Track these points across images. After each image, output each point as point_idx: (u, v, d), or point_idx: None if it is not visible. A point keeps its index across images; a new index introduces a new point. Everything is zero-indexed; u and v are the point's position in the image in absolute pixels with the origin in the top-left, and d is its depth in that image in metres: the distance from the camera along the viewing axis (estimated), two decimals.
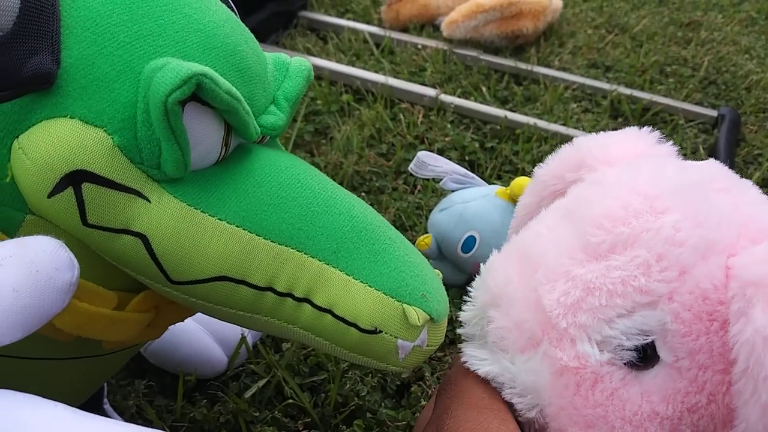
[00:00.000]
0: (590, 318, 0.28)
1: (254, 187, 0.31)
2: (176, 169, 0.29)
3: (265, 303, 0.32)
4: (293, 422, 0.54)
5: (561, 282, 0.29)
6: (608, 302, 0.27)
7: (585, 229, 0.29)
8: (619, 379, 0.28)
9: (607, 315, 0.28)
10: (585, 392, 0.28)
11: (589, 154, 0.35)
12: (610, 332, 0.28)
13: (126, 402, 0.55)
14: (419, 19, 1.27)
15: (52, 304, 0.24)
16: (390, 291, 0.31)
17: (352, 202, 0.34)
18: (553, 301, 0.29)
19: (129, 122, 0.28)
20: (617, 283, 0.27)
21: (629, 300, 0.27)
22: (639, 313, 0.27)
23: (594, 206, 0.29)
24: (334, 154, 0.87)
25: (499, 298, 0.31)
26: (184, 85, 0.26)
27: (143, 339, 0.37)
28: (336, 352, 0.33)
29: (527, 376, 0.30)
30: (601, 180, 0.31)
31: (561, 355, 0.28)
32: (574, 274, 0.28)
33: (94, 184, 0.28)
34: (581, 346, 0.28)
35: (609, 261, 0.28)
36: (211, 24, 0.31)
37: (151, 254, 0.30)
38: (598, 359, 0.28)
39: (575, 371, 0.28)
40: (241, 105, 0.30)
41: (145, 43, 0.28)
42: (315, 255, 0.31)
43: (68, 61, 0.28)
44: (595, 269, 0.28)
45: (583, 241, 0.29)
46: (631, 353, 0.28)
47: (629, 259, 0.27)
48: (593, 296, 0.28)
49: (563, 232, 0.30)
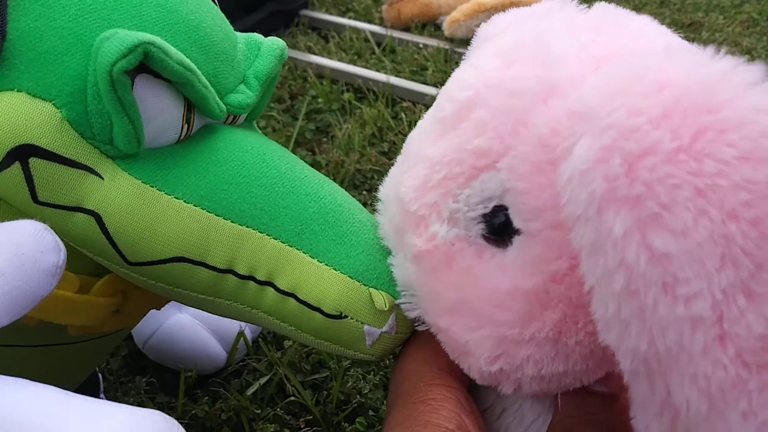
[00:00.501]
0: (436, 194, 0.26)
1: (215, 166, 0.30)
2: (128, 144, 0.28)
3: (226, 286, 0.31)
4: (295, 419, 0.54)
5: (417, 167, 0.28)
6: (448, 173, 0.26)
7: (438, 104, 0.28)
8: (474, 256, 0.26)
9: (449, 188, 0.26)
10: (442, 275, 0.26)
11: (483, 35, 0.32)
12: (455, 206, 0.26)
13: (127, 399, 0.55)
14: (421, 19, 1.27)
15: (39, 287, 0.23)
16: (356, 274, 0.30)
17: (321, 183, 0.33)
18: (408, 188, 0.27)
19: (79, 96, 0.27)
20: (454, 151, 0.26)
21: (467, 166, 0.25)
22: (479, 179, 0.25)
23: (451, 80, 0.28)
24: (336, 153, 0.87)
25: (383, 201, 0.31)
26: (130, 54, 0.26)
27: (115, 326, 0.36)
28: (302, 338, 0.32)
29: (399, 271, 0.29)
30: (470, 58, 0.29)
31: (416, 240, 0.27)
32: (425, 155, 0.27)
33: (42, 159, 0.27)
34: (432, 227, 0.27)
35: (456, 130, 0.26)
36: (172, 0, 0.30)
37: (106, 233, 0.29)
38: (445, 237, 0.26)
39: (429, 254, 0.27)
40: (195, 77, 0.29)
41: (99, 17, 0.28)
42: (278, 236, 0.30)
43: (14, 33, 0.27)
44: (441, 143, 0.26)
45: (435, 117, 0.28)
46: (481, 226, 0.26)
47: (469, 124, 0.25)
48: (437, 172, 0.26)
49: (428, 118, 0.29)
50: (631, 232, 0.18)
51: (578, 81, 0.23)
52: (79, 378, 0.44)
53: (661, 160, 0.18)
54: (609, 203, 0.18)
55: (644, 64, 0.20)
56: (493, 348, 0.25)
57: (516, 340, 0.25)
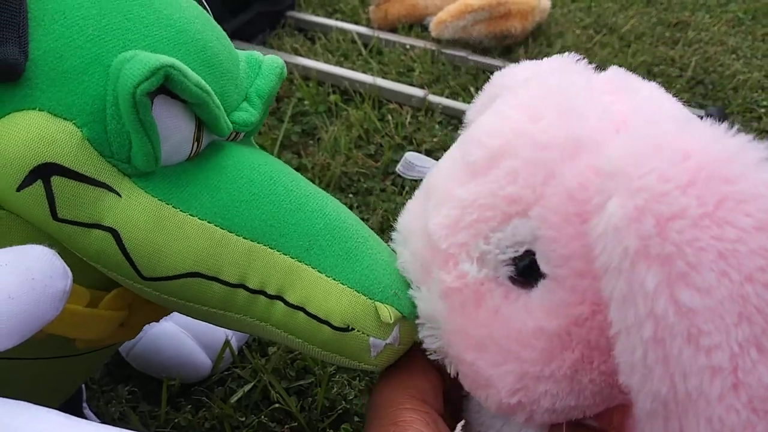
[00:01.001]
0: (467, 235, 0.28)
1: (226, 183, 0.31)
2: (146, 162, 0.29)
3: (238, 300, 0.32)
4: (280, 427, 0.54)
5: (446, 206, 0.29)
6: (480, 216, 0.27)
7: (466, 149, 0.29)
8: (501, 297, 0.28)
9: (481, 230, 0.27)
10: (470, 312, 0.28)
11: (498, 84, 0.35)
12: (486, 247, 0.27)
13: (108, 408, 0.54)
14: (408, 19, 1.27)
15: (47, 311, 0.24)
16: (362, 289, 0.31)
17: (325, 200, 0.34)
18: (437, 225, 0.29)
19: (98, 115, 0.28)
20: (487, 195, 0.27)
21: (499, 211, 0.27)
22: (511, 223, 0.27)
23: (479, 126, 0.29)
24: (322, 155, 0.87)
25: (403, 233, 0.32)
26: (153, 77, 0.26)
27: (117, 339, 0.37)
28: (308, 350, 0.33)
29: (424, 305, 0.30)
30: (496, 105, 0.31)
31: (445, 277, 0.29)
32: (455, 195, 0.29)
33: (64, 177, 0.28)
34: (462, 265, 0.28)
35: (486, 176, 0.28)
36: (181, 20, 0.31)
37: (122, 249, 0.30)
38: (475, 276, 0.28)
39: (458, 291, 0.28)
40: (210, 98, 0.29)
41: (114, 37, 0.28)
42: (287, 252, 0.31)
43: (36, 53, 0.28)
44: (473, 187, 0.28)
45: (465, 161, 0.29)
46: (510, 268, 0.27)
47: (501, 171, 0.27)
48: (468, 213, 0.28)
49: (454, 158, 0.31)
50: (662, 287, 0.20)
51: (602, 141, 0.26)
52: (73, 389, 0.44)
53: (689, 224, 0.20)
54: (642, 259, 0.21)
55: (666, 132, 0.23)
56: (515, 382, 0.27)
57: (537, 376, 0.27)
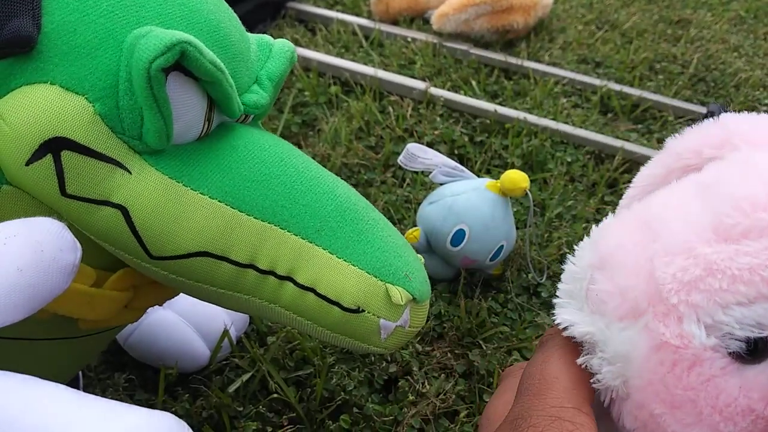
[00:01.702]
0: (705, 299, 0.26)
1: (237, 163, 0.31)
2: (158, 140, 0.29)
3: (247, 281, 0.31)
4: (278, 417, 0.53)
5: (681, 257, 0.27)
6: (730, 287, 0.26)
7: (720, 208, 0.27)
8: (719, 367, 0.27)
9: (725, 300, 0.26)
10: (680, 372, 0.27)
11: (737, 132, 0.32)
12: (723, 318, 0.26)
13: (105, 396, 0.53)
14: (409, 12, 1.26)
15: (55, 284, 0.24)
16: (373, 270, 0.31)
17: (336, 182, 0.34)
18: (669, 275, 0.27)
19: (111, 90, 0.28)
20: (744, 269, 0.26)
21: (753, 289, 0.25)
22: (760, 304, 0.26)
23: (736, 186, 0.28)
24: (322, 147, 0.86)
25: (607, 260, 0.30)
26: (168, 52, 0.26)
27: (121, 321, 0.36)
28: (317, 332, 0.32)
29: (621, 344, 0.28)
30: (747, 160, 0.29)
31: (664, 330, 0.27)
32: (698, 252, 0.27)
33: (74, 152, 0.28)
34: (688, 326, 0.27)
35: (740, 245, 0.26)
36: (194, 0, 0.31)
37: (131, 227, 0.29)
38: (703, 342, 0.26)
39: (675, 349, 0.27)
40: (224, 77, 0.29)
41: (128, 13, 0.28)
42: (298, 233, 0.31)
43: (49, 26, 0.27)
44: (723, 251, 0.26)
45: (715, 220, 0.27)
46: (740, 344, 0.26)
47: (764, 247, 0.25)
48: (714, 278, 0.26)
49: (694, 207, 0.29)
50: None
51: None
52: (71, 375, 0.44)
53: None
54: None
55: None
56: None
57: None
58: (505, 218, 0.64)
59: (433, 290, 0.65)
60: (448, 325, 0.62)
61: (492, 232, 0.64)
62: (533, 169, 0.86)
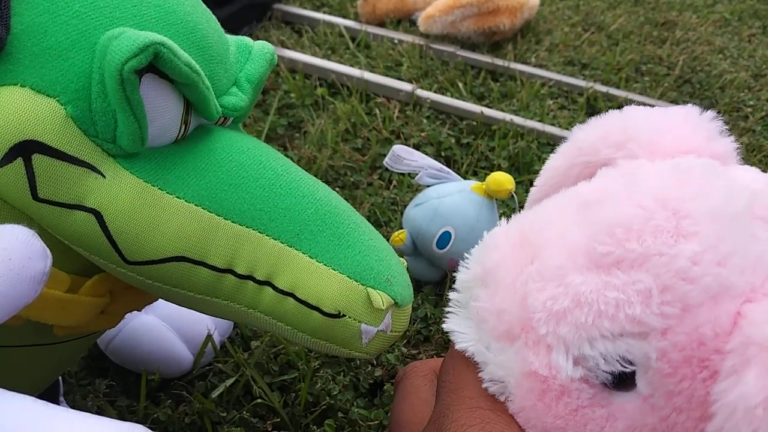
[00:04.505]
0: (572, 332, 0.26)
1: (215, 167, 0.31)
2: (132, 143, 0.28)
3: (225, 286, 0.31)
4: (262, 422, 0.52)
5: (553, 284, 0.27)
6: (595, 322, 0.25)
7: (595, 234, 0.26)
8: (587, 398, 0.26)
9: (591, 334, 0.25)
10: (548, 401, 0.27)
11: (636, 137, 0.31)
12: (590, 352, 0.25)
13: (86, 402, 0.53)
14: (396, 14, 1.26)
15: (24, 293, 0.23)
16: (354, 274, 0.31)
17: (316, 185, 0.33)
18: (539, 303, 0.27)
19: (83, 93, 0.27)
20: (610, 304, 0.25)
21: (618, 325, 0.25)
22: (625, 340, 0.25)
23: (613, 208, 0.26)
24: (308, 149, 0.86)
25: (489, 277, 0.29)
26: (141, 54, 0.26)
27: (98, 327, 0.36)
28: (297, 337, 0.32)
29: (498, 367, 0.28)
30: (633, 179, 0.28)
31: (533, 359, 0.27)
32: (569, 281, 0.26)
33: (45, 155, 0.27)
34: (556, 358, 0.26)
35: (610, 276, 0.25)
36: (170, 0, 0.30)
37: (106, 232, 0.29)
38: (569, 374, 0.26)
39: (543, 379, 0.27)
40: (200, 79, 0.29)
41: (101, 14, 0.28)
42: (277, 237, 0.31)
43: (19, 27, 0.27)
44: (592, 282, 0.25)
45: (589, 246, 0.26)
46: (607, 375, 0.26)
47: (632, 282, 0.25)
48: (581, 311, 0.25)
49: (573, 228, 0.28)
50: None
51: (751, 293, 0.24)
52: (50, 381, 0.43)
53: None
54: None
55: None
56: None
57: None
58: (490, 220, 0.64)
59: (419, 293, 0.65)
60: (434, 328, 0.61)
61: (478, 234, 0.62)
62: (520, 171, 0.86)
